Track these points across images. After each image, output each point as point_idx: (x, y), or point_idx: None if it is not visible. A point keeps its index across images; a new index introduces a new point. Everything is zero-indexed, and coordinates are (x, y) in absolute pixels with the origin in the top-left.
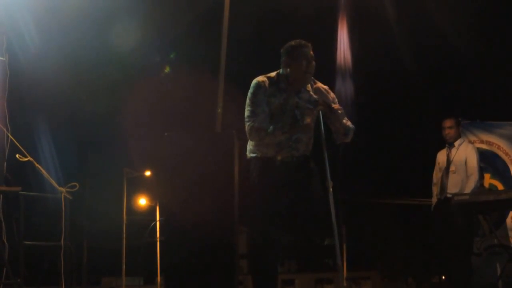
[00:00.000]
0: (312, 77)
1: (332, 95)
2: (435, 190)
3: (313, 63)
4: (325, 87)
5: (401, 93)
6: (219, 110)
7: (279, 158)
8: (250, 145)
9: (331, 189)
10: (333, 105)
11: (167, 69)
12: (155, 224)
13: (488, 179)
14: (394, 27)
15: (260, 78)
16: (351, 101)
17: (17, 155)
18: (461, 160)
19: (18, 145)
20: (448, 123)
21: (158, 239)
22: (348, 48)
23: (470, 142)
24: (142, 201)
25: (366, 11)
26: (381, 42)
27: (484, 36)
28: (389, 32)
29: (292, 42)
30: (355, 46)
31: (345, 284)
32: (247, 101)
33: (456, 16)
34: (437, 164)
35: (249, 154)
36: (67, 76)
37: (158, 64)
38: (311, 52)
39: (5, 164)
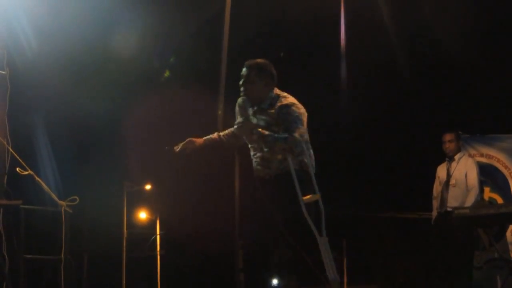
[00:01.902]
0: (275, 94)
1: (283, 115)
2: (435, 204)
3: (243, 82)
4: (283, 103)
5: (400, 106)
6: (219, 112)
7: (258, 175)
8: None
9: (320, 202)
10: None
11: (166, 74)
12: (156, 238)
13: (487, 193)
14: (393, 38)
15: None
16: (349, 115)
17: (17, 169)
18: (461, 174)
19: (19, 158)
20: (448, 137)
21: (158, 253)
22: (345, 58)
23: (470, 155)
24: (142, 215)
25: (363, 21)
26: (379, 55)
27: (485, 48)
28: (387, 44)
29: None
30: (352, 58)
31: None
32: None
33: (457, 28)
34: (437, 178)
35: None
36: (68, 89)
37: (158, 73)
38: (250, 72)
39: (5, 177)
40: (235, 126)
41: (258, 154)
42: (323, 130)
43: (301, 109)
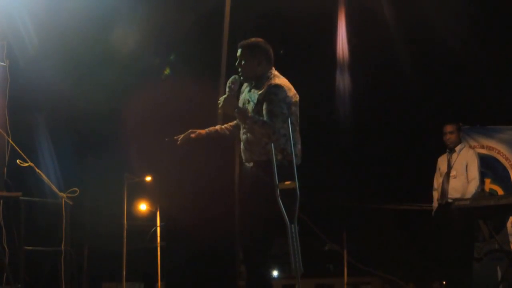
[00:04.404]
0: (271, 74)
1: (269, 95)
2: (436, 195)
3: (240, 65)
4: (272, 83)
5: (401, 97)
6: (219, 111)
7: (243, 157)
8: None
9: (298, 191)
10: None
11: (167, 71)
12: (156, 229)
13: (488, 184)
14: (393, 30)
15: None
16: (350, 106)
17: (17, 161)
18: (462, 165)
19: (19, 150)
20: (449, 128)
21: (158, 244)
22: (346, 52)
23: (470, 147)
24: (143, 206)
25: (363, 14)
26: (380, 47)
27: (484, 40)
28: (387, 36)
29: None
30: (353, 51)
31: None
32: None
33: (456, 21)
34: (437, 169)
35: None
36: (68, 81)
37: (158, 68)
38: (243, 51)
39: (5, 169)
40: (219, 102)
41: (244, 137)
42: (324, 122)
43: (290, 92)
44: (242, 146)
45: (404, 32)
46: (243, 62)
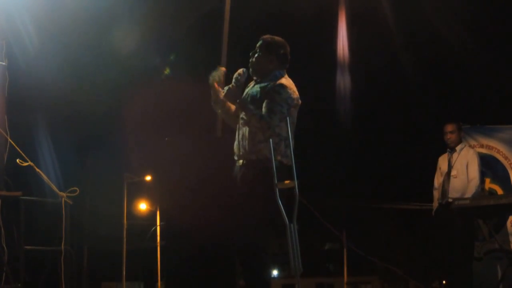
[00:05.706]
0: (280, 75)
1: (273, 93)
2: (436, 194)
3: (253, 57)
4: (277, 82)
5: (402, 97)
6: (219, 111)
7: (235, 153)
8: None
9: (297, 190)
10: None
11: (167, 71)
12: (156, 229)
13: (488, 184)
14: (394, 30)
15: None
16: (351, 106)
17: (17, 160)
18: (462, 164)
19: (19, 149)
20: (449, 127)
21: (158, 244)
22: (347, 52)
23: (470, 146)
24: (143, 206)
25: (364, 14)
26: (381, 46)
27: (484, 40)
28: (388, 36)
29: None
30: (354, 50)
31: None
32: None
33: (457, 21)
34: (438, 168)
35: None
36: (67, 81)
37: (158, 67)
38: (261, 44)
39: (4, 166)
40: (222, 91)
41: (240, 132)
42: (325, 121)
43: (294, 95)
44: (236, 141)
45: (405, 32)
46: (256, 54)
